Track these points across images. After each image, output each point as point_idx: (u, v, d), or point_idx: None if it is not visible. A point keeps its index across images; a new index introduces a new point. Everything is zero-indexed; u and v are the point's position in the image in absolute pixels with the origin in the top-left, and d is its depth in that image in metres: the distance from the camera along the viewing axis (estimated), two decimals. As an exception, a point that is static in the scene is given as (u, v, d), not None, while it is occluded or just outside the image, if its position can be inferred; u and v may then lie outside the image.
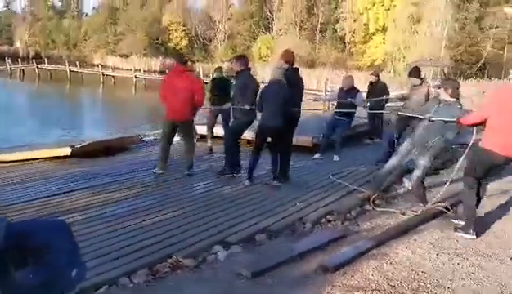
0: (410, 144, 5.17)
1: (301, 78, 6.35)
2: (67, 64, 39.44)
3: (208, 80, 32.78)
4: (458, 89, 4.91)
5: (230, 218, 4.47)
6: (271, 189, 5.61)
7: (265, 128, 5.67)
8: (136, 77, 36.56)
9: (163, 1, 63.46)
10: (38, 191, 5.38)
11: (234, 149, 6.06)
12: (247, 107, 5.77)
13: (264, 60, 48.89)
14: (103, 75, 37.18)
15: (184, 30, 60.80)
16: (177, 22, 60.37)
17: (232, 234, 4.05)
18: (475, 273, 3.53)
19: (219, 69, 8.45)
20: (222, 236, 4.00)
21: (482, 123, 4.33)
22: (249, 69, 6.09)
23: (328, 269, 3.40)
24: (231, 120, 6.22)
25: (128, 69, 44.23)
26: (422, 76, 7.34)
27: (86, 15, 72.41)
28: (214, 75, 8.13)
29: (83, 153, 7.14)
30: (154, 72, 46.93)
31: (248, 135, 6.59)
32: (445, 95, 4.87)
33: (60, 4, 72.80)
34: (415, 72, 7.25)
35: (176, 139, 6.48)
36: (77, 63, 41.33)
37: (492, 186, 5.60)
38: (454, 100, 4.84)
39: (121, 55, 57.35)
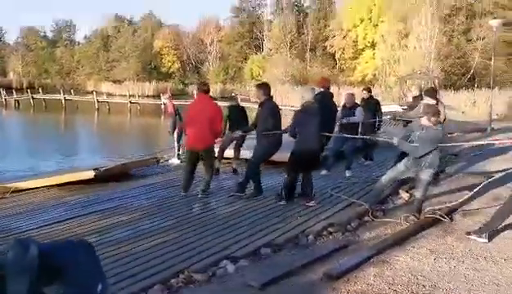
0: (408, 164, 5.38)
1: (333, 102, 6.64)
2: (62, 92, 39.68)
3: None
4: (439, 115, 5.26)
5: (235, 234, 4.66)
6: (274, 205, 5.79)
7: (304, 152, 5.73)
8: (130, 103, 36.85)
9: (155, 27, 64.45)
10: (48, 218, 5.56)
11: (258, 173, 6.28)
12: (278, 132, 6.02)
13: (257, 80, 49.46)
14: (98, 102, 37.42)
15: (176, 54, 61.62)
16: (169, 46, 61.19)
17: (239, 249, 4.24)
18: (471, 275, 3.74)
19: (234, 98, 9.02)
20: (229, 251, 4.19)
21: None
22: (272, 96, 6.33)
23: (332, 276, 3.59)
24: (259, 146, 6.27)
25: (122, 95, 44.55)
26: (437, 96, 7.23)
27: (78, 43, 73.23)
28: (230, 103, 8.52)
29: (96, 179, 7.41)
30: (148, 96, 47.32)
31: (276, 156, 6.59)
32: (427, 122, 5.16)
33: (52, 34, 73.68)
34: (430, 92, 7.20)
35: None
36: (71, 91, 41.64)
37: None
38: (435, 125, 5.16)
39: (114, 81, 57.84)
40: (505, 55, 36.32)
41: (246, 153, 7.40)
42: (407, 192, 6.38)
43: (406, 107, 8.28)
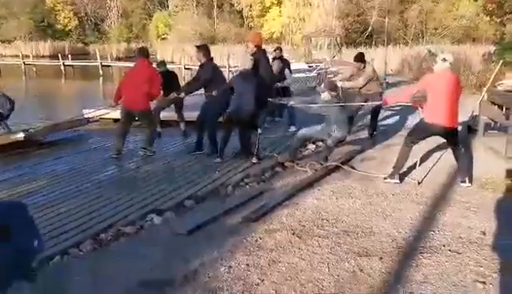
0: (327, 124, 5.93)
1: (268, 61, 6.80)
2: None
3: (106, 63, 31.45)
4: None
5: (159, 190, 4.94)
6: (196, 161, 6.16)
7: (238, 115, 5.99)
8: (25, 64, 33.88)
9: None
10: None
11: (215, 134, 6.42)
12: (214, 93, 6.19)
13: (163, 39, 47.94)
14: (-15, 64, 33.90)
15: (72, 10, 57.08)
16: (64, 1, 56.43)
17: (164, 203, 4.54)
18: (366, 209, 4.43)
19: (163, 63, 8.59)
20: (155, 205, 4.47)
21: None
22: (212, 58, 6.52)
23: (250, 219, 4.06)
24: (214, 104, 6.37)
25: (14, 56, 40.69)
26: (365, 59, 7.71)
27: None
28: (159, 69, 7.93)
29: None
30: (44, 56, 43.81)
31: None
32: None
33: None
34: (358, 57, 7.69)
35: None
36: (-47, 52, 37.12)
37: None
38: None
39: (3, 41, 52.42)
40: (398, 13, 39.08)
41: (192, 115, 7.21)
42: (313, 143, 7.05)
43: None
